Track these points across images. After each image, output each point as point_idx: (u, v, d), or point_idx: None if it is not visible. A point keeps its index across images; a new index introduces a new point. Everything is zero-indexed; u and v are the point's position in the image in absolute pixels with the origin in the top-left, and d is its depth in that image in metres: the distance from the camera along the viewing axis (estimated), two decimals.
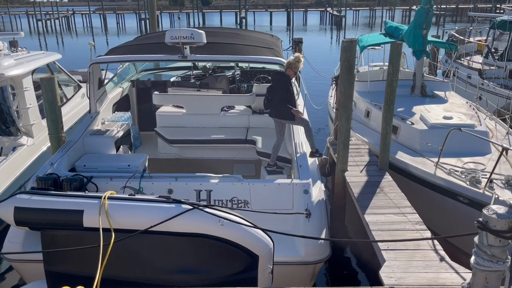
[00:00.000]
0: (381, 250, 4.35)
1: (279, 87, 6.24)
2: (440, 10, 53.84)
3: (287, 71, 6.21)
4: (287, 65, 6.21)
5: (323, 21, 64.01)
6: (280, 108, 6.19)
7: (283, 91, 6.17)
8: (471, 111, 8.06)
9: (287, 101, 6.13)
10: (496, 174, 5.62)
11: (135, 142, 7.85)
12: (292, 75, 6.24)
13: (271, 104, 6.36)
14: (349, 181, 6.06)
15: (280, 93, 6.18)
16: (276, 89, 6.28)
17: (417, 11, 9.01)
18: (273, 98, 6.31)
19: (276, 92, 6.26)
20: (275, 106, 6.28)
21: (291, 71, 6.21)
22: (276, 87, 6.29)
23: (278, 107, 6.21)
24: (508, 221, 2.53)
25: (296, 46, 13.49)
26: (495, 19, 14.54)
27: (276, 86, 6.31)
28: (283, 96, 6.14)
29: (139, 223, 3.51)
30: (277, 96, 6.21)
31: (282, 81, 6.23)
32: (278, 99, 6.19)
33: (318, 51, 27.64)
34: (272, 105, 6.35)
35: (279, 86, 6.25)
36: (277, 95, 6.22)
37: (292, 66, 6.19)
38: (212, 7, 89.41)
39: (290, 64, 6.21)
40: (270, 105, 6.40)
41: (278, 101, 6.19)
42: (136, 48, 6.96)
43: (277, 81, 6.34)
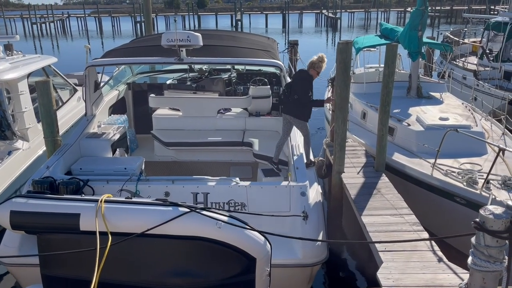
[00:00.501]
0: (378, 251, 4.36)
1: (299, 85, 6.18)
2: (435, 12, 54.14)
3: (310, 70, 6.16)
4: (310, 65, 6.16)
5: (318, 23, 64.23)
6: (295, 106, 6.15)
7: (302, 89, 6.11)
8: (467, 112, 8.09)
9: (304, 100, 6.10)
10: (493, 174, 5.64)
11: (132, 145, 7.83)
12: (314, 75, 6.17)
13: (287, 100, 6.29)
14: (345, 183, 6.07)
15: (299, 91, 6.12)
16: (296, 86, 6.20)
17: (412, 13, 9.05)
18: (290, 95, 6.24)
19: (295, 90, 6.18)
20: (291, 103, 6.22)
21: (314, 71, 6.12)
22: (296, 85, 6.22)
23: (294, 105, 6.16)
24: (505, 221, 2.54)
25: (292, 48, 13.56)
26: (489, 21, 14.64)
27: (296, 83, 6.24)
28: (301, 95, 6.09)
29: (136, 226, 3.49)
30: (295, 94, 6.15)
31: (303, 80, 6.17)
32: (296, 97, 6.15)
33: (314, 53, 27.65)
34: (287, 102, 6.29)
35: (299, 84, 6.18)
36: (295, 93, 6.15)
37: (315, 66, 6.12)
38: (207, 9, 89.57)
39: (313, 64, 6.13)
40: (286, 101, 6.33)
41: (295, 99, 6.15)
42: (132, 51, 6.95)
43: (299, 79, 6.28)
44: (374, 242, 4.49)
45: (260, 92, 8.27)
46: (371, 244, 4.58)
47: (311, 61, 6.16)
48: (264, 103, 8.21)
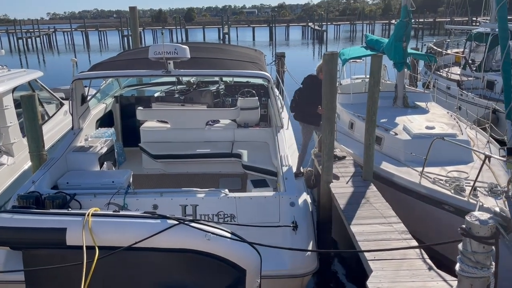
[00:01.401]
0: (368, 260, 4.36)
1: (309, 90, 6.29)
2: (419, 24, 55.23)
3: (319, 75, 6.25)
4: (319, 69, 6.24)
5: (305, 36, 64.98)
6: (307, 112, 6.26)
7: (313, 94, 6.20)
8: (452, 120, 8.22)
9: (316, 105, 6.15)
10: (479, 182, 5.71)
11: (119, 158, 7.77)
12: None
13: (299, 107, 6.40)
14: (334, 192, 6.09)
15: (310, 96, 6.23)
16: (306, 92, 6.32)
17: (397, 25, 9.21)
18: (301, 101, 6.34)
19: (306, 95, 6.29)
20: (302, 109, 6.34)
21: (322, 75, 6.16)
22: (305, 90, 6.34)
23: (306, 110, 6.27)
24: (490, 227, 2.57)
25: (279, 60, 13.65)
26: (471, 32, 14.96)
27: (306, 89, 6.36)
28: (312, 100, 6.18)
29: (124, 240, 3.45)
30: (306, 99, 6.26)
31: (314, 85, 6.26)
32: (306, 103, 6.25)
33: (301, 65, 27.91)
34: (299, 108, 6.40)
35: (309, 89, 6.30)
36: (306, 98, 6.27)
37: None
38: (195, 23, 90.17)
39: (321, 68, 6.18)
40: (297, 108, 6.44)
41: (306, 104, 6.26)
42: (119, 64, 6.94)
43: (308, 85, 6.40)
44: (363, 251, 4.50)
45: (248, 103, 8.30)
46: (361, 253, 4.59)
47: (319, 66, 6.26)
48: (252, 114, 8.24)
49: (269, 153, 6.98)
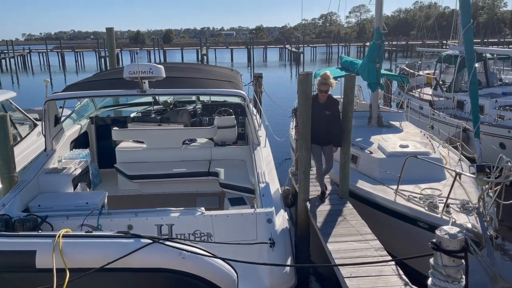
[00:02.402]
0: (344, 277, 4.37)
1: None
2: (392, 46, 56.99)
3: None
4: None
5: (282, 57, 66.00)
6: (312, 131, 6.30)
7: (313, 114, 6.22)
8: (425, 139, 8.42)
9: (316, 124, 6.20)
10: (452, 199, 5.83)
11: (94, 180, 7.64)
12: (319, 95, 6.20)
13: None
14: (311, 210, 6.11)
15: (312, 116, 6.25)
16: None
17: (370, 46, 9.49)
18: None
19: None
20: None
21: (318, 91, 6.22)
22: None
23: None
24: (459, 241, 2.62)
25: (257, 81, 13.81)
26: (441, 54, 15.51)
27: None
28: (313, 119, 6.23)
29: (97, 261, 3.37)
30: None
31: (312, 105, 6.23)
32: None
33: (278, 86, 28.32)
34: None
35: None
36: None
37: (317, 87, 6.22)
38: (173, 44, 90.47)
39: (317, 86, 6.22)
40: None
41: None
42: (94, 84, 6.90)
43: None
44: (338, 265, 4.51)
45: (225, 122, 8.33)
46: (337, 271, 4.59)
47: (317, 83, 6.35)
48: (229, 132, 8.27)
49: (247, 170, 6.99)
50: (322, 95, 6.16)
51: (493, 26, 46.82)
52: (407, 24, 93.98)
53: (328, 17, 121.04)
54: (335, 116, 6.23)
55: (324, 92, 6.13)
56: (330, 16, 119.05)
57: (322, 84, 6.14)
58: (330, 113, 6.18)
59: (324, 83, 6.13)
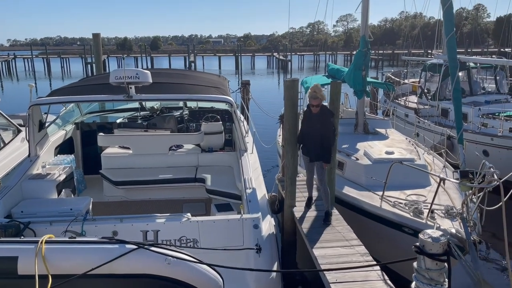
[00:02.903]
0: (330, 283, 4.38)
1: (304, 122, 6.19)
2: (378, 55, 57.76)
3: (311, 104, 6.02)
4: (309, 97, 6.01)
5: (270, 65, 66.34)
6: (304, 144, 6.20)
7: (307, 126, 6.10)
8: (411, 146, 8.53)
9: (309, 137, 6.05)
10: (436, 204, 5.90)
11: (79, 186, 7.55)
12: (311, 107, 5.95)
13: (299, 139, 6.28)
14: (297, 216, 6.13)
15: (306, 128, 6.16)
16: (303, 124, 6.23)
17: (356, 54, 9.61)
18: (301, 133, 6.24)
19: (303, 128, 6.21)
20: (300, 142, 6.25)
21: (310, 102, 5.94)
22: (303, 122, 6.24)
23: (303, 143, 6.19)
24: (442, 244, 2.66)
25: (244, 88, 13.86)
26: (426, 63, 15.77)
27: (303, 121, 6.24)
28: (306, 132, 6.12)
29: (81, 267, 3.32)
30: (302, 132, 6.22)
31: (306, 117, 6.11)
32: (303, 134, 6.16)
33: (266, 93, 28.44)
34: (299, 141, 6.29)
35: (305, 121, 6.19)
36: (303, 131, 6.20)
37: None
38: (160, 51, 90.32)
39: (309, 96, 5.91)
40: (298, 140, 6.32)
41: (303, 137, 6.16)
42: (79, 89, 6.84)
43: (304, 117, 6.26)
44: (324, 270, 4.52)
45: (212, 128, 8.32)
46: (323, 276, 4.60)
47: (309, 93, 6.03)
48: (216, 139, 8.26)
49: (234, 177, 6.98)
50: (315, 110, 5.93)
51: (477, 36, 47.74)
52: (393, 34, 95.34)
53: (316, 26, 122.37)
54: (327, 129, 5.94)
55: (315, 106, 5.90)
56: (317, 25, 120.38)
57: (313, 99, 5.87)
58: (317, 126, 5.91)
59: (314, 97, 5.86)
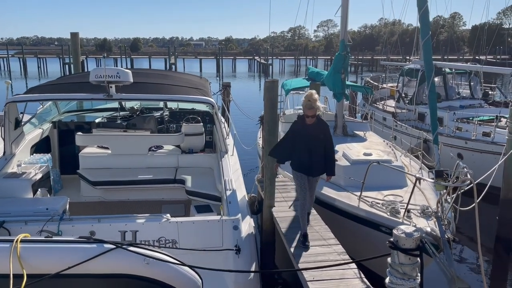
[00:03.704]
0: (307, 281, 4.43)
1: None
2: (358, 61, 58.63)
3: (305, 112, 5.38)
4: (305, 106, 5.34)
5: (251, 69, 66.52)
6: (299, 159, 5.54)
7: (303, 139, 5.47)
8: (388, 148, 8.70)
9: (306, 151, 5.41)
10: (413, 204, 6.04)
11: (55, 186, 7.42)
12: (305, 118, 5.38)
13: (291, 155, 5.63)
14: (276, 217, 6.17)
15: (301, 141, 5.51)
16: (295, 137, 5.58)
17: (335, 57, 9.75)
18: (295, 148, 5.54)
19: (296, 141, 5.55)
20: (297, 157, 5.56)
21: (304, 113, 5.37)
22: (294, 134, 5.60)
23: (299, 158, 5.53)
24: (415, 239, 2.74)
25: (225, 90, 13.88)
26: (403, 68, 16.12)
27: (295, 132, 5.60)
28: (300, 146, 5.49)
29: (57, 266, 3.28)
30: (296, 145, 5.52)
31: (303, 128, 5.48)
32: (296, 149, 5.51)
33: (247, 95, 28.54)
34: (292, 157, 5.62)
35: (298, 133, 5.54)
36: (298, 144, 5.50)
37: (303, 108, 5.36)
38: (141, 53, 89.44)
39: (305, 105, 5.30)
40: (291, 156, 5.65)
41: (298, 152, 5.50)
42: (58, 87, 6.74)
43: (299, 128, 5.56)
44: (301, 269, 4.57)
45: (193, 129, 8.30)
46: (301, 275, 4.65)
47: (304, 101, 5.36)
48: (197, 140, 8.24)
49: (214, 178, 6.98)
50: (310, 120, 5.33)
51: (453, 44, 49.00)
52: (373, 40, 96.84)
53: (297, 30, 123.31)
54: (326, 142, 5.45)
55: (311, 117, 5.28)
56: (298, 29, 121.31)
57: (308, 109, 5.25)
58: (319, 137, 5.38)
59: (310, 107, 5.23)
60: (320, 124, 5.44)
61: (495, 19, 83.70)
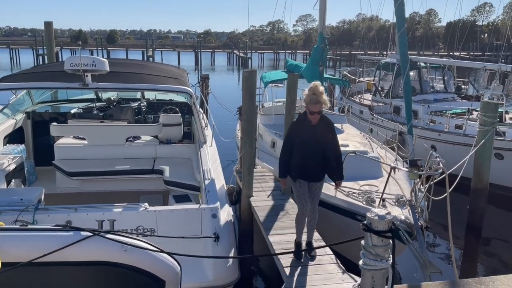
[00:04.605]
0: (284, 267, 4.52)
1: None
2: (336, 55, 59.18)
3: (309, 106, 4.60)
4: (308, 100, 4.57)
5: (230, 62, 66.28)
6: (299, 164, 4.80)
7: (306, 139, 4.73)
8: (365, 140, 8.87)
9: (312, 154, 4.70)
10: (388, 194, 6.20)
11: (30, 177, 7.28)
12: (307, 113, 4.62)
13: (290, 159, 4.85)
14: (254, 206, 6.24)
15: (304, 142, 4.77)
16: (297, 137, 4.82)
17: (314, 50, 9.85)
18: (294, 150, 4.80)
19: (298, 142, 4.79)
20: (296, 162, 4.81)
21: (306, 109, 4.64)
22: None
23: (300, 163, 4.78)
24: (387, 221, 2.83)
25: (203, 82, 13.83)
26: (380, 62, 16.38)
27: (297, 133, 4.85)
28: (302, 148, 4.75)
29: (32, 255, 3.25)
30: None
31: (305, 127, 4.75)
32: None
33: (227, 88, 28.47)
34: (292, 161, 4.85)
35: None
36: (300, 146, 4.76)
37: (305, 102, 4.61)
38: (117, 45, 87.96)
39: (307, 99, 4.54)
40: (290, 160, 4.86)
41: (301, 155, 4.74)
42: (32, 76, 6.60)
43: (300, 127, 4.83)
44: (277, 254, 4.66)
45: (170, 119, 8.26)
46: (277, 261, 4.73)
47: (307, 95, 4.60)
48: (175, 130, 8.20)
49: (192, 168, 6.98)
50: (315, 118, 4.54)
51: (428, 40, 49.97)
52: (351, 35, 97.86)
53: (276, 24, 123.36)
54: (333, 143, 4.75)
55: (316, 113, 4.49)
56: (277, 24, 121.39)
57: (313, 104, 4.45)
58: (328, 139, 4.67)
59: (316, 102, 4.42)
60: (326, 123, 4.68)
61: (469, 16, 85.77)
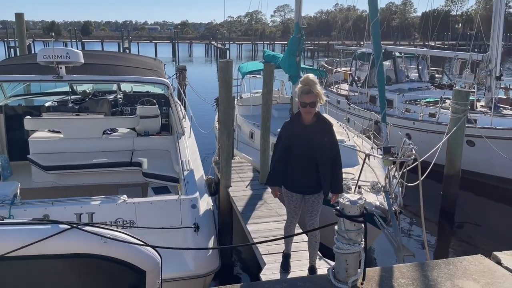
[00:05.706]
0: (262, 254, 4.62)
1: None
2: (314, 46, 59.46)
3: (301, 99, 3.99)
4: (300, 93, 3.99)
5: (208, 53, 65.83)
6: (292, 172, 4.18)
7: (300, 143, 4.09)
8: (341, 129, 9.02)
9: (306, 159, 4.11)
10: (363, 181, 6.35)
11: (4, 172, 7.15)
12: (301, 110, 4.01)
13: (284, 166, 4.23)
14: (232, 196, 6.30)
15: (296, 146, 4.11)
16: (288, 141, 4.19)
17: (290, 40, 9.88)
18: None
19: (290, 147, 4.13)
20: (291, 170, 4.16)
21: (299, 103, 4.03)
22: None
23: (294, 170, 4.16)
24: (359, 206, 2.94)
25: (180, 74, 13.75)
26: (356, 52, 16.58)
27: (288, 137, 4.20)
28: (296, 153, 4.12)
29: (8, 248, 3.24)
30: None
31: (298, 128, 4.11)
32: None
33: (204, 80, 28.33)
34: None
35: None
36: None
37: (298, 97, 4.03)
38: (92, 37, 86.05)
39: (300, 91, 3.95)
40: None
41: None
42: (3, 69, 6.47)
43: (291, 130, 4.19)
44: (256, 243, 4.75)
45: (148, 111, 8.22)
46: (256, 249, 4.82)
47: (299, 88, 4.00)
48: (152, 122, 8.17)
49: (171, 160, 6.98)
50: (307, 113, 3.89)
51: (404, 30, 50.67)
52: (328, 25, 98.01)
53: (254, 15, 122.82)
54: (332, 147, 4.07)
55: (309, 106, 3.84)
56: (255, 14, 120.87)
57: (304, 94, 3.84)
58: (322, 142, 3.99)
59: (307, 92, 3.82)
60: (322, 124, 4.04)
61: (444, 6, 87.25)
